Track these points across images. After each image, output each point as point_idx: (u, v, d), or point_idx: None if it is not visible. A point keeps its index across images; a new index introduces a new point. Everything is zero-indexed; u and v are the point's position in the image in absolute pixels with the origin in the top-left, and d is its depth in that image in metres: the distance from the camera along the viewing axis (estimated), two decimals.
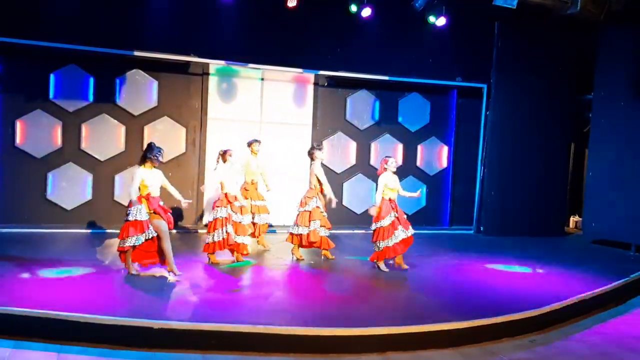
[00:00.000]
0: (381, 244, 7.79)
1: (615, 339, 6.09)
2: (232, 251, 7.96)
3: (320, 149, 8.50)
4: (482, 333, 5.77)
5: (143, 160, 6.92)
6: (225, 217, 7.77)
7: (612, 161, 10.95)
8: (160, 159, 6.98)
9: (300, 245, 8.42)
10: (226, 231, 7.72)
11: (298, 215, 8.42)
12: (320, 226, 8.36)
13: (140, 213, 6.76)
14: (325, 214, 8.51)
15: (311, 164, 8.52)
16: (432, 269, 8.35)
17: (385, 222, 7.78)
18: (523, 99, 11.68)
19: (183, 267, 7.59)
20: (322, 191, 8.47)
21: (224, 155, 7.94)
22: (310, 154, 8.50)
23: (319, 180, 8.39)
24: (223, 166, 7.92)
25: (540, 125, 11.76)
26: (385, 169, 7.99)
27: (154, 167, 6.95)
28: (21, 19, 9.36)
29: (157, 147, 7.01)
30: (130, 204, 6.80)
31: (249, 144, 9.17)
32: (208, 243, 7.85)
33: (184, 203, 7.26)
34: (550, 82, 11.78)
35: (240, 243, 7.96)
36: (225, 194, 7.87)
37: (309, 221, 8.29)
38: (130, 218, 6.74)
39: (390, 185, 7.92)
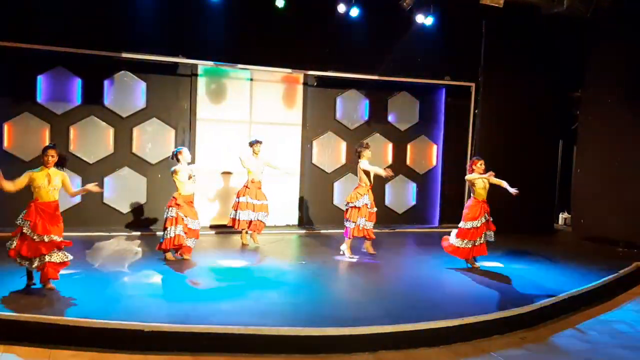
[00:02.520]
0: (468, 243, 8.03)
1: (605, 334, 6.13)
2: (176, 249, 8.04)
3: (367, 148, 8.66)
4: (473, 330, 5.79)
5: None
6: (174, 217, 7.86)
7: (600, 158, 11.04)
8: (50, 157, 6.25)
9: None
10: (174, 232, 7.82)
11: (349, 210, 8.62)
12: (367, 221, 8.59)
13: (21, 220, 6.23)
14: (374, 209, 8.73)
15: (359, 163, 8.69)
16: (423, 267, 8.38)
17: (477, 223, 8.03)
18: (511, 97, 11.74)
19: (173, 269, 7.58)
20: (371, 187, 8.73)
21: (176, 156, 8.12)
22: (358, 152, 8.70)
23: (368, 178, 8.64)
24: (181, 166, 8.04)
25: (528, 123, 11.82)
26: (473, 170, 8.17)
27: (48, 168, 6.28)
28: (7, 22, 9.28)
29: (48, 145, 6.51)
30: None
31: (251, 145, 9.30)
32: (160, 242, 8.03)
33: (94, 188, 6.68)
34: (538, 80, 11.85)
35: (187, 246, 8.03)
36: (174, 196, 7.98)
37: (357, 217, 8.52)
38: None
39: (480, 185, 8.13)
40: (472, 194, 8.31)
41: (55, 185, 6.33)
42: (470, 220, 8.08)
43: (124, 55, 9.88)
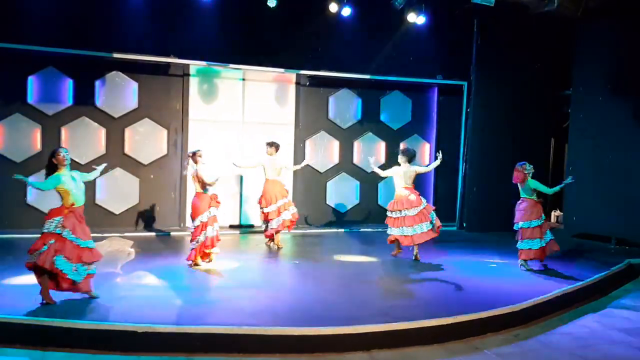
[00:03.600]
0: (525, 244, 8.16)
1: (597, 331, 6.16)
2: (207, 255, 7.85)
3: (401, 153, 8.77)
4: (467, 328, 5.80)
5: (53, 168, 5.97)
6: (212, 218, 7.72)
7: (592, 155, 11.09)
8: (64, 156, 5.95)
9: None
10: (214, 230, 7.68)
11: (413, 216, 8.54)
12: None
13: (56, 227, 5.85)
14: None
15: (409, 167, 8.74)
16: (416, 266, 8.39)
17: (534, 223, 8.17)
18: (503, 95, 11.79)
19: (166, 269, 7.56)
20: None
21: (193, 156, 7.87)
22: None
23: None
24: (196, 167, 7.83)
25: (520, 121, 11.87)
26: (526, 175, 8.34)
27: (64, 169, 5.99)
28: None
29: (59, 147, 6.28)
30: (50, 214, 5.95)
31: (269, 146, 9.30)
32: (193, 249, 7.70)
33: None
34: (530, 79, 11.90)
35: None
36: (205, 196, 7.79)
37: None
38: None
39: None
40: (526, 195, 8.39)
41: (82, 186, 6.12)
42: (526, 220, 8.23)
43: (116, 55, 9.85)
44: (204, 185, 7.77)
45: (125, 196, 10.39)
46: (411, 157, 8.69)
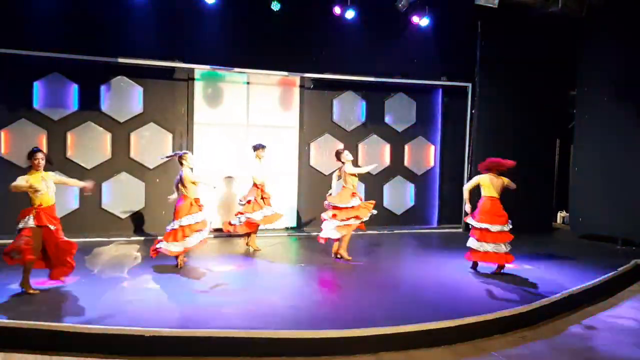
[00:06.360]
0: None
1: (605, 333, 6.15)
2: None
3: (343, 152, 8.76)
4: (474, 330, 5.80)
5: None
6: (201, 223, 7.87)
7: (597, 156, 11.07)
8: (40, 160, 6.37)
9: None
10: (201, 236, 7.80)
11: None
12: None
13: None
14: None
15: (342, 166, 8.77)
16: (423, 268, 8.38)
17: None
18: (507, 96, 11.77)
19: (172, 273, 7.57)
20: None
21: (180, 159, 8.01)
22: (338, 155, 8.78)
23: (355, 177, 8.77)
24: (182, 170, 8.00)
25: (525, 122, 11.86)
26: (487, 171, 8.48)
27: (39, 171, 6.41)
28: (2, 28, 9.27)
29: (34, 148, 6.55)
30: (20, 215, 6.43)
31: (255, 149, 9.26)
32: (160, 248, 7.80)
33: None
34: (534, 79, 11.88)
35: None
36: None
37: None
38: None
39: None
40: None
41: (52, 188, 6.43)
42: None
43: (121, 60, 9.87)
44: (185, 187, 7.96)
45: (131, 200, 10.41)
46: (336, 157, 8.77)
